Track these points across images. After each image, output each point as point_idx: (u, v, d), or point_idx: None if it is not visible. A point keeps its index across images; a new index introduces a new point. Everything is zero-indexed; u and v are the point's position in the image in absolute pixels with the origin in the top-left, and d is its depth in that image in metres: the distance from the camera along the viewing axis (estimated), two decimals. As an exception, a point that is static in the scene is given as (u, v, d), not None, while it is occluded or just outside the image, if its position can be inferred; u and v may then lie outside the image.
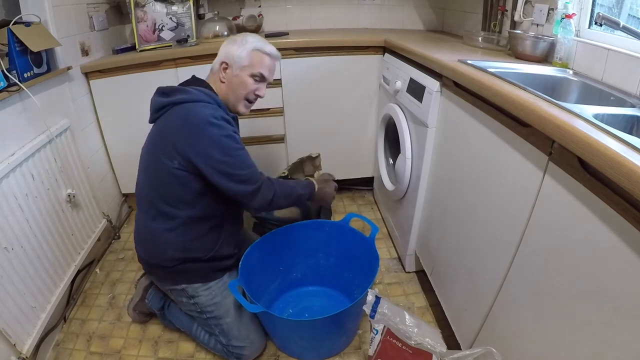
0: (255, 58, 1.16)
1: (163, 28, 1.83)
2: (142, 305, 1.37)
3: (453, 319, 1.22)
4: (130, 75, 1.69)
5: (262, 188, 1.13)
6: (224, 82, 1.18)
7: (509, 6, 1.58)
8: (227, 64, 1.16)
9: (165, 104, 1.10)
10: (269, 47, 1.19)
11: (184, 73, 1.72)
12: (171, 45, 1.81)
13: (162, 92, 1.12)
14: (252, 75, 1.17)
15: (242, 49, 1.15)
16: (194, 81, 1.20)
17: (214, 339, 1.24)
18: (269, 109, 1.85)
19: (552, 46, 1.28)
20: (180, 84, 1.19)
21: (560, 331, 0.74)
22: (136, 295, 1.39)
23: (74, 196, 1.46)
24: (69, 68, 1.51)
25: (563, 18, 1.21)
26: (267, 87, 1.77)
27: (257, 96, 1.22)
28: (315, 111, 1.89)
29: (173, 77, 1.73)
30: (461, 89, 1.10)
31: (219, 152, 1.05)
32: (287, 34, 1.88)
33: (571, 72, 1.19)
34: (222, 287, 1.22)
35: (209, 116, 1.05)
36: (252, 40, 1.17)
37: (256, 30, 2.08)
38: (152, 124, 1.17)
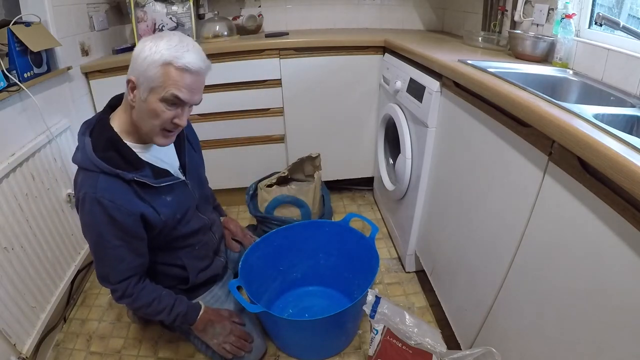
0: (167, 75, 0.85)
1: (163, 28, 1.82)
2: None
3: (453, 319, 1.22)
4: (130, 75, 1.69)
5: (118, 292, 1.02)
6: (133, 106, 0.92)
7: (509, 6, 1.58)
8: (133, 82, 0.88)
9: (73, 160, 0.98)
10: (189, 56, 0.86)
11: (184, 73, 1.72)
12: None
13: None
14: (164, 100, 0.88)
15: (149, 61, 0.85)
16: (99, 122, 0.98)
17: None
18: (269, 109, 1.85)
19: (552, 46, 1.28)
20: (100, 112, 1.02)
21: (560, 331, 0.74)
22: None
23: (74, 196, 1.45)
24: (69, 68, 1.51)
25: (563, 18, 1.21)
26: (266, 87, 1.80)
27: (177, 125, 0.94)
28: (315, 111, 1.89)
29: (173, 77, 1.72)
30: (461, 89, 1.10)
31: (87, 241, 0.98)
32: (287, 34, 1.88)
33: (571, 72, 1.19)
34: (213, 298, 1.24)
35: (87, 195, 0.90)
36: (165, 47, 0.85)
37: (256, 30, 2.08)
38: None
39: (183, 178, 1.11)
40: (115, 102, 1.04)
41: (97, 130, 0.96)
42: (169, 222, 1.05)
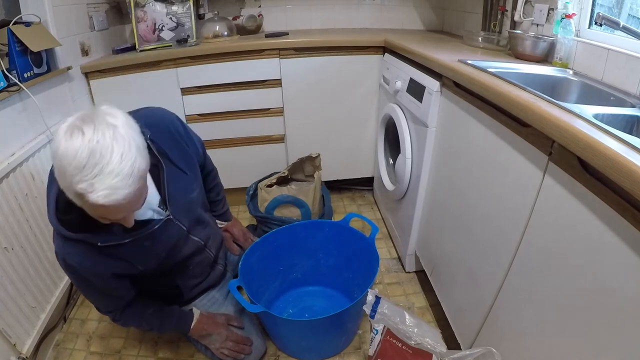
0: (85, 204, 0.70)
1: (163, 28, 1.83)
2: None
3: (453, 319, 1.22)
4: (130, 75, 1.69)
5: (109, 317, 1.08)
6: None
7: (509, 6, 1.57)
8: None
9: None
10: (100, 188, 0.66)
11: (184, 73, 1.72)
12: (171, 45, 1.81)
13: None
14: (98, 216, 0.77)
15: (62, 185, 0.69)
16: None
17: None
18: (269, 109, 1.85)
19: (552, 46, 1.28)
20: None
21: (560, 331, 0.74)
22: None
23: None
24: (69, 68, 1.51)
25: (563, 18, 1.21)
26: (266, 87, 1.79)
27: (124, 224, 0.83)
28: (315, 111, 1.88)
29: (173, 77, 1.73)
30: (461, 89, 1.10)
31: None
32: (287, 34, 1.88)
33: (571, 72, 1.19)
34: (210, 301, 1.24)
35: (58, 254, 0.88)
36: (72, 171, 0.66)
37: (256, 30, 2.08)
38: None
39: (163, 217, 0.99)
40: None
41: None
42: (150, 266, 1.02)
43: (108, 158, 0.66)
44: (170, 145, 1.02)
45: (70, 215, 0.84)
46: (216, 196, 1.37)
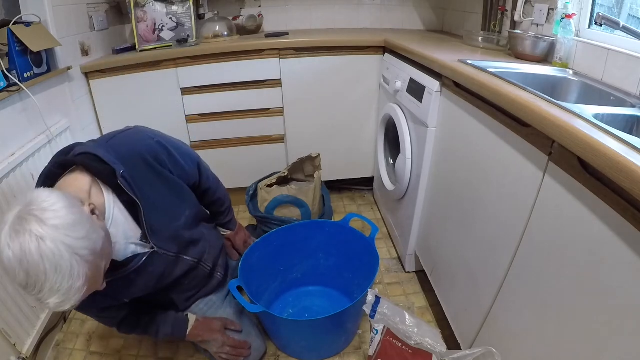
0: None
1: (163, 28, 1.83)
2: None
3: (453, 319, 1.22)
4: (130, 75, 1.69)
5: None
6: None
7: (509, 6, 1.57)
8: None
9: None
10: (51, 303, 0.69)
11: (183, 73, 1.72)
12: (171, 45, 1.81)
13: None
14: None
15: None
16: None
17: None
18: (269, 109, 1.85)
19: (552, 46, 1.28)
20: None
21: (560, 331, 0.74)
22: None
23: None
24: (69, 68, 1.51)
25: (563, 18, 1.21)
26: (266, 87, 1.78)
27: None
28: (315, 111, 1.89)
29: (173, 77, 1.73)
30: (461, 89, 1.10)
31: None
32: (287, 34, 1.88)
33: (571, 72, 1.19)
34: (207, 305, 1.23)
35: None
36: (21, 289, 0.69)
37: (256, 30, 2.08)
38: None
39: (148, 250, 0.98)
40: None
41: None
42: (137, 296, 1.03)
43: (43, 278, 0.66)
44: (147, 177, 0.97)
45: None
46: (219, 208, 1.29)
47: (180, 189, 1.07)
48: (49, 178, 0.88)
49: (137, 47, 1.77)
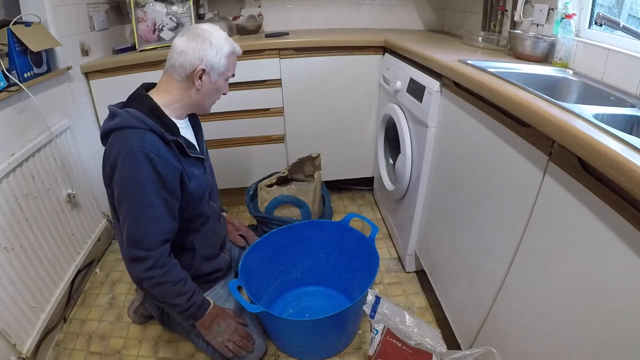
0: (230, 62, 1.10)
1: (163, 28, 1.82)
2: (142, 309, 1.37)
3: (453, 319, 1.22)
4: (130, 75, 1.69)
5: (149, 261, 1.00)
6: (198, 89, 1.08)
7: (509, 6, 1.58)
8: (204, 70, 1.05)
9: (104, 131, 1.02)
10: (237, 46, 1.13)
11: (184, 73, 1.72)
12: (171, 45, 1.81)
13: (109, 114, 1.04)
14: (227, 79, 1.14)
15: (220, 55, 1.06)
16: (138, 96, 1.08)
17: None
18: (269, 109, 1.85)
19: (552, 46, 1.28)
20: (129, 96, 1.10)
21: (560, 331, 0.74)
22: (137, 298, 1.39)
23: (74, 196, 1.46)
24: (69, 68, 1.51)
25: (563, 18, 1.21)
26: (266, 87, 1.79)
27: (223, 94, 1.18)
28: (315, 111, 1.89)
29: (173, 77, 1.72)
30: (461, 89, 1.10)
31: (125, 199, 0.98)
32: (287, 34, 1.88)
33: (571, 72, 1.19)
34: (215, 297, 1.22)
35: (134, 148, 0.95)
36: (225, 44, 1.07)
37: (256, 30, 2.08)
38: None
39: (203, 157, 1.18)
40: (143, 89, 1.12)
41: (138, 101, 1.05)
42: (195, 194, 1.10)
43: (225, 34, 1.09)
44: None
45: (152, 118, 1.01)
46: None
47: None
48: (147, 88, 1.12)
49: (137, 47, 1.77)
